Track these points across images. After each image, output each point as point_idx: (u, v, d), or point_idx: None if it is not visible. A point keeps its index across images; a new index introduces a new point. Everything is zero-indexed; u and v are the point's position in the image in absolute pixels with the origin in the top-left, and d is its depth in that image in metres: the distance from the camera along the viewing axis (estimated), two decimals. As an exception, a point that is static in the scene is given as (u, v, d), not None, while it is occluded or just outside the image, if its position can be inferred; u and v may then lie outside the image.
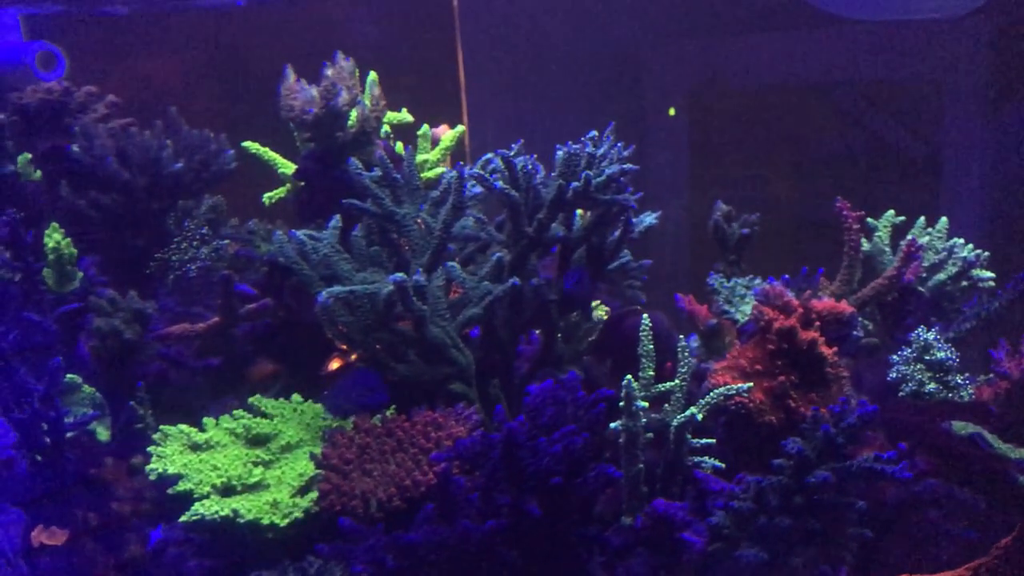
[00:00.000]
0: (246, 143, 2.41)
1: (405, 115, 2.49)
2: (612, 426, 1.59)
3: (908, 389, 1.93)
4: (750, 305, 1.94)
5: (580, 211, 2.04)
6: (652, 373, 1.73)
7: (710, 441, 1.67)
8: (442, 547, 1.41)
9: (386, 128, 2.43)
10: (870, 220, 2.26)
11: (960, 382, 1.93)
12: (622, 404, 1.58)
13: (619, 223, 2.01)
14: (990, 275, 2.21)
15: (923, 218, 2.29)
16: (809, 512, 1.45)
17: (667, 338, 1.92)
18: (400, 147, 2.40)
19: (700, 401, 1.66)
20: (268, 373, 2.18)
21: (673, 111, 3.51)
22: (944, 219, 2.29)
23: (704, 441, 1.67)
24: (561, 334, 2.10)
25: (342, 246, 1.90)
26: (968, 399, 1.90)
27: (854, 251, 2.08)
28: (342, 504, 1.57)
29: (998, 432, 1.69)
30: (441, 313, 1.84)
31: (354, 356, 2.05)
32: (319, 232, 1.92)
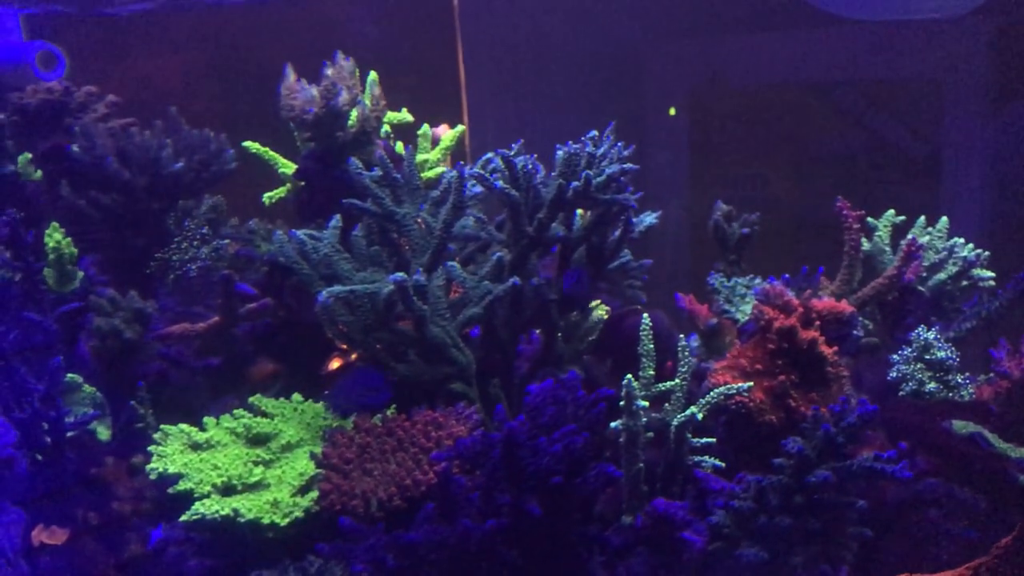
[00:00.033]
0: (246, 143, 2.41)
1: (405, 115, 2.49)
2: (612, 425, 1.59)
3: (908, 388, 1.93)
4: (750, 304, 1.94)
5: (580, 211, 2.04)
6: (652, 372, 1.73)
7: (710, 440, 1.68)
8: (442, 546, 1.41)
9: (386, 128, 2.43)
10: (870, 219, 2.26)
11: (960, 381, 1.93)
12: (622, 403, 1.58)
13: (619, 223, 2.01)
14: (990, 274, 2.21)
15: (923, 217, 2.29)
16: (809, 511, 1.45)
17: (667, 337, 1.92)
18: (400, 147, 2.40)
19: (700, 400, 1.66)
20: (268, 373, 2.18)
21: (673, 111, 3.51)
22: (944, 218, 2.30)
23: (704, 440, 1.67)
24: (561, 334, 2.10)
25: (342, 246, 1.90)
26: (968, 398, 1.90)
27: (854, 251, 2.08)
28: (342, 503, 1.57)
29: (998, 431, 1.70)
30: (441, 313, 1.84)
31: (354, 356, 2.05)
32: (319, 232, 1.92)
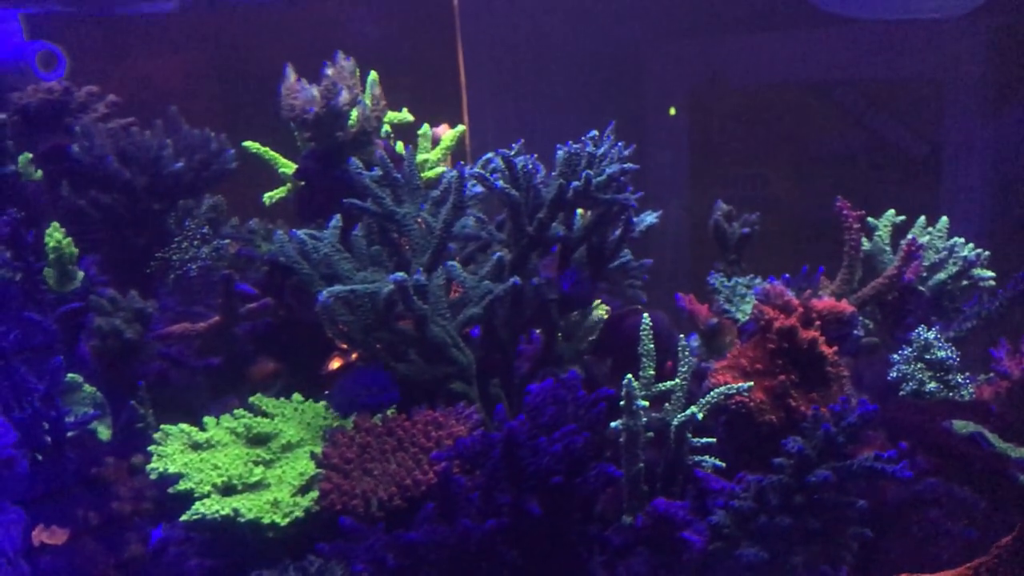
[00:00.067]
0: (246, 143, 2.41)
1: (405, 115, 2.49)
2: (613, 425, 1.59)
3: (909, 388, 1.93)
4: (750, 304, 1.94)
5: (580, 210, 2.04)
6: (653, 372, 1.73)
7: (710, 440, 1.67)
8: (442, 546, 1.41)
9: (386, 128, 2.43)
10: (870, 219, 2.26)
11: (960, 381, 1.93)
12: (623, 403, 1.58)
13: (620, 222, 2.01)
14: (990, 274, 2.22)
15: (923, 217, 2.29)
16: (810, 511, 1.45)
17: (668, 337, 1.92)
18: (400, 147, 2.40)
19: (700, 400, 1.66)
20: (269, 372, 2.18)
21: (673, 110, 3.51)
22: (944, 218, 2.30)
23: (704, 440, 1.67)
24: (562, 333, 2.10)
25: (342, 245, 1.91)
26: (969, 398, 1.90)
27: (854, 250, 2.08)
28: (343, 503, 1.57)
29: (998, 431, 1.70)
30: (442, 312, 1.84)
31: (354, 355, 2.06)
32: (319, 231, 1.92)
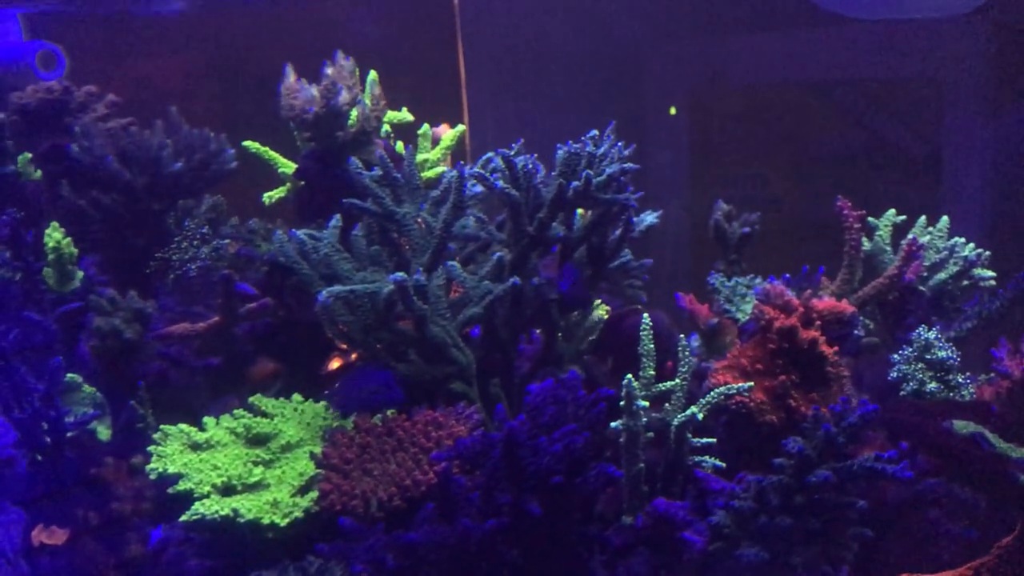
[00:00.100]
0: (246, 142, 2.41)
1: (405, 114, 2.49)
2: (613, 425, 1.59)
3: (909, 388, 1.93)
4: (751, 304, 1.93)
5: (580, 210, 2.04)
6: (653, 372, 1.73)
7: (711, 440, 1.67)
8: (442, 546, 1.41)
9: (386, 127, 2.43)
10: (871, 219, 2.26)
11: (961, 381, 1.93)
12: (623, 403, 1.58)
13: (620, 222, 2.01)
14: (991, 274, 2.22)
15: (924, 217, 2.28)
16: (810, 511, 1.45)
17: (668, 337, 1.91)
18: (400, 146, 2.40)
19: (701, 400, 1.66)
20: (268, 372, 2.18)
21: (674, 110, 3.51)
22: (945, 218, 2.29)
23: (705, 440, 1.67)
24: (562, 333, 2.10)
25: (342, 245, 1.90)
26: (969, 398, 1.90)
27: (855, 250, 2.07)
28: (342, 504, 1.57)
29: (999, 431, 1.69)
30: (442, 312, 1.84)
31: (354, 355, 2.05)
32: (319, 231, 1.92)
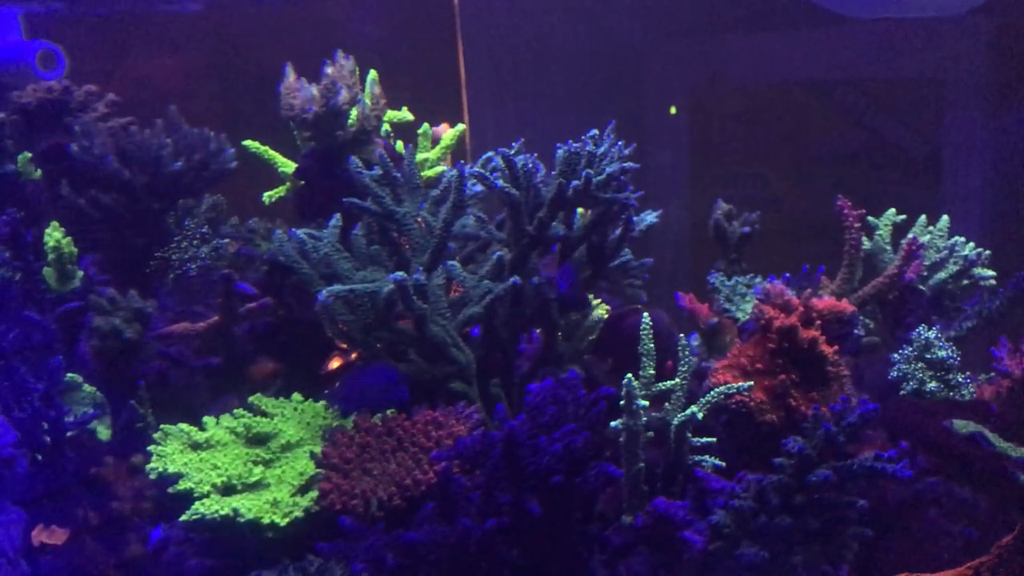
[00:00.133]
0: (246, 142, 2.41)
1: (405, 114, 2.49)
2: (613, 425, 1.59)
3: (909, 388, 1.93)
4: (751, 304, 1.93)
5: (580, 210, 2.04)
6: (653, 372, 1.72)
7: (711, 440, 1.67)
8: (442, 546, 1.41)
9: (386, 127, 2.43)
10: (871, 219, 2.26)
11: (961, 381, 1.93)
12: (623, 403, 1.58)
13: (620, 222, 2.01)
14: (991, 273, 2.22)
15: (924, 216, 2.29)
16: (810, 511, 1.45)
17: (668, 337, 1.91)
18: (400, 146, 2.40)
19: (701, 400, 1.66)
20: (268, 372, 2.18)
21: (674, 110, 3.51)
22: (945, 217, 2.29)
23: (705, 440, 1.67)
24: (562, 333, 2.10)
25: (342, 245, 1.90)
26: (969, 398, 1.90)
27: (855, 250, 2.07)
28: (342, 503, 1.57)
29: (999, 431, 1.69)
30: (441, 312, 1.84)
31: (354, 355, 2.05)
32: (319, 231, 1.92)
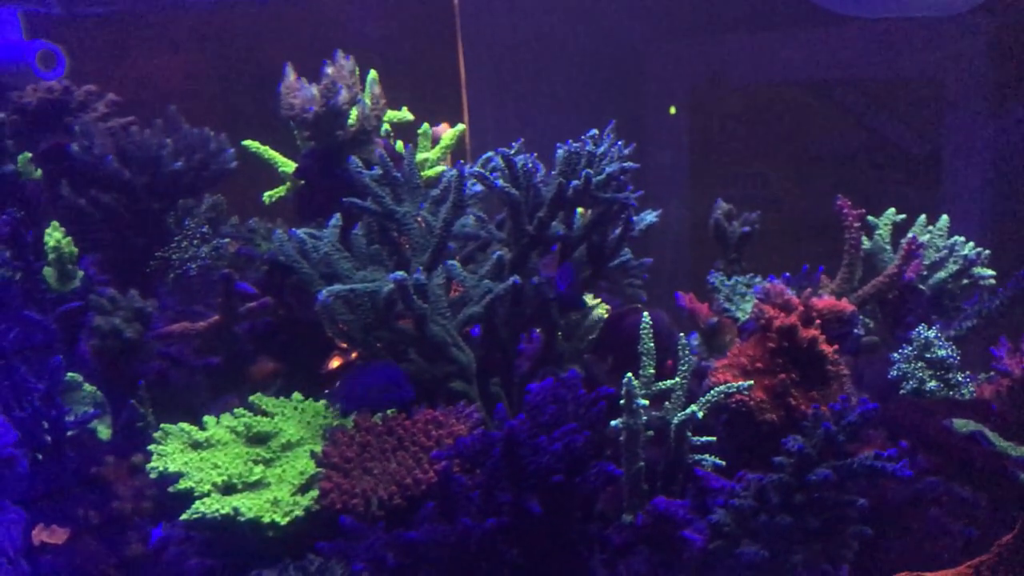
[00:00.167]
0: (246, 142, 2.41)
1: (405, 113, 2.49)
2: (613, 424, 1.59)
3: (909, 387, 1.93)
4: (751, 303, 1.94)
5: (580, 209, 2.04)
6: (653, 371, 1.73)
7: (711, 439, 1.67)
8: (443, 545, 1.41)
9: (386, 126, 2.43)
10: (871, 218, 2.26)
11: (961, 380, 1.93)
12: (623, 402, 1.58)
13: (620, 221, 2.01)
14: (991, 273, 2.22)
15: (924, 216, 2.29)
16: (810, 510, 1.45)
17: (668, 336, 1.92)
18: (400, 145, 2.40)
19: (701, 399, 1.66)
20: (269, 371, 2.18)
21: (674, 109, 3.51)
22: (945, 217, 2.30)
23: (705, 439, 1.67)
24: (562, 332, 2.10)
25: (342, 244, 1.90)
26: (969, 397, 1.90)
27: (855, 249, 2.08)
28: (343, 502, 1.57)
29: (999, 430, 1.70)
30: (442, 311, 1.84)
31: (354, 354, 2.05)
32: (319, 231, 1.92)
